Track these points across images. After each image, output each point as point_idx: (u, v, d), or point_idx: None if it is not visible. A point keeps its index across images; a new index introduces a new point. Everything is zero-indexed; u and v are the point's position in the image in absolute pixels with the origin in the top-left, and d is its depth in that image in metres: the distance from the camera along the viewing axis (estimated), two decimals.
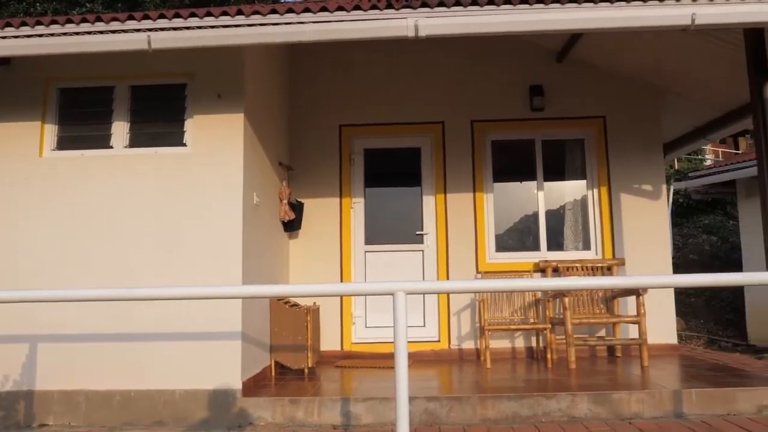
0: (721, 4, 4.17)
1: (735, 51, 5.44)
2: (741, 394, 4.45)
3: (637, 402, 4.40)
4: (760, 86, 4.79)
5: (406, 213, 6.99)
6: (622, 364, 5.91)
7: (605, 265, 6.62)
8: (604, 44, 6.39)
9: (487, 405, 4.38)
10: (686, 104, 7.26)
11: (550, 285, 3.41)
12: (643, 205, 6.90)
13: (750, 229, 9.87)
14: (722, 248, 13.06)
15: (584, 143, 7.11)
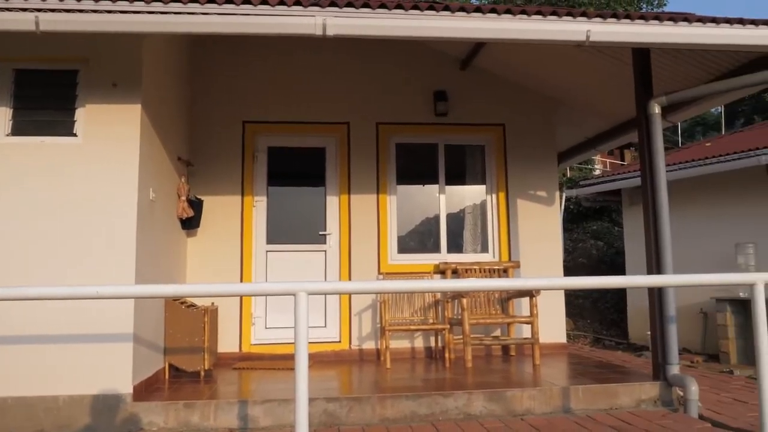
0: (613, 23, 4.42)
1: (624, 69, 5.81)
2: (622, 389, 4.75)
3: (529, 399, 4.59)
4: (646, 103, 5.14)
5: (310, 213, 6.94)
6: (516, 363, 6.15)
7: (502, 268, 6.87)
8: (506, 55, 6.63)
9: (386, 405, 4.41)
10: (579, 116, 7.68)
11: (448, 286, 3.49)
12: (538, 211, 7.23)
13: (632, 235, 10.59)
14: (608, 253, 13.92)
15: (484, 149, 7.35)
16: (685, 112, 6.44)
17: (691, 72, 5.70)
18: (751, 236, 8.93)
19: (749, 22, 4.53)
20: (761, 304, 3.37)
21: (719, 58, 5.30)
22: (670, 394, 4.77)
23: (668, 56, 5.47)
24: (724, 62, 5.35)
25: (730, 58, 5.23)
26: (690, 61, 5.53)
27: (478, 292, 6.60)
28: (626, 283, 3.57)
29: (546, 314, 6.90)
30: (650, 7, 20.30)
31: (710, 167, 9.01)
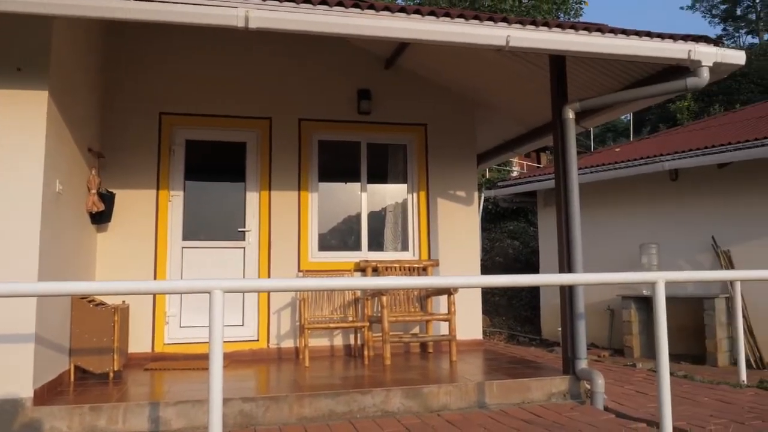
0: (532, 30, 4.56)
1: (542, 75, 6.02)
2: (534, 384, 4.92)
3: (446, 394, 4.67)
4: (561, 108, 5.34)
5: (229, 209, 6.78)
6: (433, 359, 6.25)
7: (421, 266, 6.96)
8: (429, 56, 6.72)
9: (304, 403, 4.37)
10: (498, 119, 7.90)
11: (368, 284, 3.50)
12: (457, 210, 7.37)
13: (546, 235, 11.00)
14: (523, 252, 14.39)
15: (406, 148, 7.42)
16: (597, 118, 6.74)
17: (603, 80, 5.98)
18: (655, 237, 9.47)
19: (656, 35, 4.79)
20: (662, 301, 3.57)
21: (629, 69, 5.58)
22: (579, 388, 4.98)
23: (583, 64, 5.71)
24: (633, 72, 5.64)
25: (639, 68, 5.51)
26: (602, 70, 5.79)
27: (398, 290, 6.66)
28: (539, 281, 3.70)
29: (463, 312, 7.05)
30: (568, 17, 21.12)
31: (619, 171, 9.48)
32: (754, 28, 46.08)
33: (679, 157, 8.73)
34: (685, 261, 9.19)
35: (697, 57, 4.78)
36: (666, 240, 9.38)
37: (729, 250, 8.73)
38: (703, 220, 9.10)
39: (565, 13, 21.29)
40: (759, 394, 5.42)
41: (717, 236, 8.90)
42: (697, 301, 8.49)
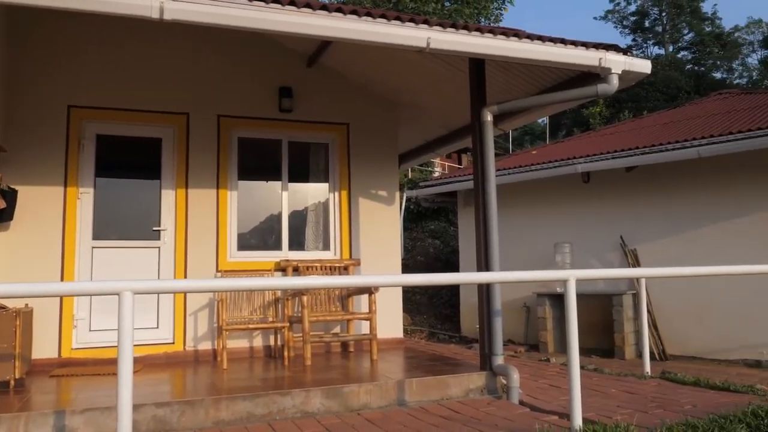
0: (452, 33, 4.63)
1: (462, 77, 6.12)
2: (452, 380, 5.00)
3: (366, 393, 4.67)
4: (479, 110, 5.45)
5: (143, 207, 6.52)
6: (354, 359, 6.25)
7: (343, 265, 6.94)
8: (352, 55, 6.71)
9: (221, 407, 4.27)
10: (420, 120, 7.99)
11: (287, 284, 3.45)
12: (379, 210, 7.41)
13: (466, 235, 11.24)
14: (444, 251, 14.64)
15: (328, 147, 7.38)
16: (514, 121, 6.93)
17: (520, 84, 6.15)
18: (569, 237, 9.85)
19: (570, 42, 4.98)
20: (572, 297, 3.71)
21: (545, 74, 5.77)
22: (495, 383, 5.11)
23: (501, 68, 5.86)
24: (549, 77, 5.83)
25: (554, 74, 5.71)
26: (520, 75, 5.96)
27: (319, 289, 6.61)
28: (456, 279, 3.77)
29: (384, 310, 7.08)
30: (488, 22, 21.67)
31: (535, 173, 9.81)
32: (661, 39, 48.87)
33: (590, 160, 9.13)
34: (596, 259, 9.62)
35: (608, 64, 5.00)
36: (579, 239, 9.79)
37: (636, 248, 9.21)
38: (613, 220, 9.56)
39: (486, 18, 21.83)
40: (661, 384, 5.73)
41: (625, 236, 9.36)
42: (606, 298, 8.91)
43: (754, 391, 5.32)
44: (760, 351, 8.07)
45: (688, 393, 5.25)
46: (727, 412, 4.20)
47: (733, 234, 8.42)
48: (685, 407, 4.63)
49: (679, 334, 8.71)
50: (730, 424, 3.92)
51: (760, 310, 8.12)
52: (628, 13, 49.95)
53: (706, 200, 8.71)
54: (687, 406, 4.69)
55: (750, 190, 8.39)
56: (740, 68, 46.90)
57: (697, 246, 8.66)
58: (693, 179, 8.86)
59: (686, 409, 4.55)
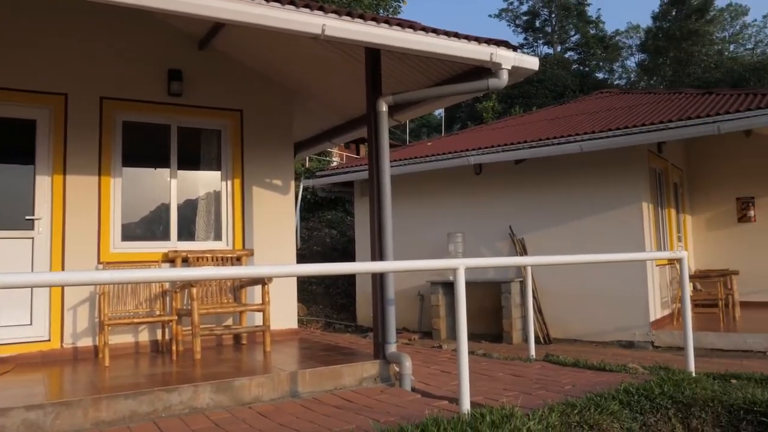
0: (348, 21, 4.60)
1: (359, 67, 6.11)
2: (346, 370, 5.00)
3: (258, 386, 4.58)
4: (375, 101, 5.46)
5: (14, 194, 6.01)
6: (247, 351, 6.11)
7: (235, 256, 6.76)
8: (246, 39, 6.51)
9: (101, 406, 4.03)
10: (317, 108, 7.90)
11: (174, 275, 3.30)
12: (274, 199, 7.27)
13: (362, 225, 11.30)
14: (341, 241, 14.65)
15: (221, 134, 7.14)
16: (410, 112, 7.00)
17: (416, 76, 6.22)
18: (461, 226, 10.14)
19: (463, 36, 5.08)
20: (461, 285, 3.80)
21: (439, 67, 5.86)
22: (389, 371, 5.17)
23: (398, 59, 5.89)
24: (443, 71, 5.93)
25: (448, 67, 5.81)
26: (416, 67, 6.02)
27: (210, 281, 6.40)
28: (350, 269, 3.76)
29: (278, 301, 6.98)
30: (386, 13, 21.82)
31: (429, 164, 10.01)
32: (550, 40, 51.31)
33: (482, 153, 9.43)
34: (487, 248, 9.97)
35: (498, 60, 5.16)
36: (471, 229, 10.10)
37: (524, 238, 9.63)
38: (503, 211, 9.94)
39: (385, 9, 21.98)
40: (545, 366, 6.03)
41: (514, 226, 9.76)
42: (496, 285, 9.26)
43: (626, 370, 5.72)
44: (633, 332, 8.71)
45: (568, 374, 5.55)
46: (603, 391, 4.48)
47: (611, 224, 9.00)
48: (565, 387, 4.90)
49: (562, 319, 9.22)
50: (605, 401, 4.18)
51: (633, 294, 8.75)
52: (521, 13, 52.06)
53: (588, 192, 9.25)
54: (567, 386, 4.96)
55: (626, 183, 9.00)
56: (620, 70, 50.21)
57: (581, 235, 9.19)
58: (576, 172, 9.37)
59: (566, 389, 4.81)
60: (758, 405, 4.17)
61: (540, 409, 3.89)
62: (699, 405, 4.29)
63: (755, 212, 11.87)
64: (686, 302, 5.58)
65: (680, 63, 41.79)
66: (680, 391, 4.43)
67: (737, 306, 10.13)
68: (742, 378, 5.62)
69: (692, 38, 41.27)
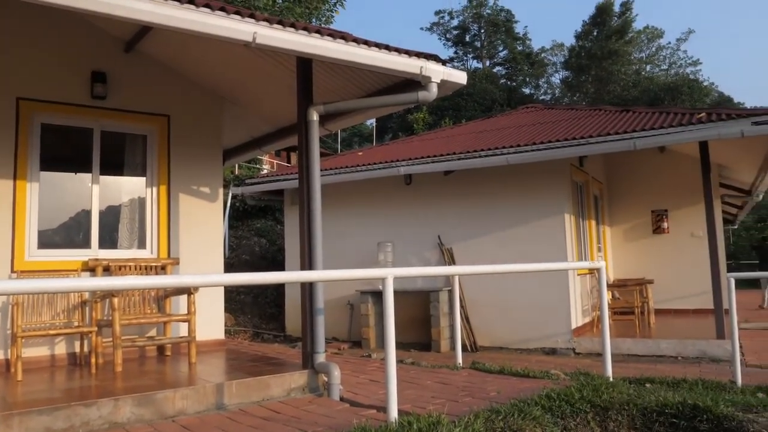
0: (279, 29, 4.58)
1: (290, 76, 6.08)
2: (274, 380, 4.95)
3: (182, 399, 4.46)
4: (306, 110, 5.46)
5: None
6: (171, 363, 5.94)
7: (160, 265, 6.57)
8: (175, 44, 6.38)
9: (12, 423, 3.82)
10: (247, 116, 7.81)
11: (93, 285, 3.18)
12: (201, 207, 7.12)
13: (292, 233, 11.21)
14: (270, 250, 14.47)
15: (147, 139, 6.94)
16: (341, 122, 7.03)
17: (347, 87, 6.26)
18: (392, 236, 10.23)
19: (394, 49, 5.15)
20: (390, 295, 3.85)
21: (371, 78, 5.92)
22: (317, 381, 5.14)
23: (329, 69, 5.91)
24: (374, 82, 5.99)
25: (379, 78, 5.87)
26: (347, 77, 6.06)
27: (132, 290, 6.20)
28: (278, 278, 3.73)
29: (204, 311, 6.83)
30: (319, 23, 21.82)
31: (360, 174, 10.06)
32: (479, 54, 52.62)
33: (412, 164, 9.57)
34: (417, 258, 10.10)
35: (428, 73, 5.26)
36: (401, 239, 10.21)
37: (452, 247, 9.81)
38: (432, 221, 10.10)
39: (317, 18, 21.97)
40: (471, 374, 6.15)
41: (442, 235, 9.93)
42: (425, 295, 9.38)
43: (549, 377, 5.91)
44: (556, 340, 9.01)
45: (494, 381, 5.69)
46: (526, 396, 4.62)
47: (537, 234, 9.31)
48: (490, 394, 5.01)
49: (488, 327, 9.44)
50: (528, 406, 4.31)
51: (556, 303, 9.06)
52: (452, 27, 53.19)
53: (514, 203, 9.53)
54: (492, 393, 5.08)
55: (550, 195, 9.33)
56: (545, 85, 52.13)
57: (507, 245, 9.45)
58: (503, 184, 9.64)
59: (492, 396, 4.93)
60: (669, 407, 4.40)
61: (466, 415, 3.97)
62: (615, 408, 4.48)
63: (668, 224, 12.55)
64: (604, 310, 5.83)
65: (601, 81, 43.78)
66: (598, 395, 4.61)
67: (652, 313, 10.66)
68: (656, 382, 5.93)
69: (612, 58, 43.35)
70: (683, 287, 11.90)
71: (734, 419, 4.16)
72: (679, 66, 47.34)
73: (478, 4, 51.85)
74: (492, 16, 51.78)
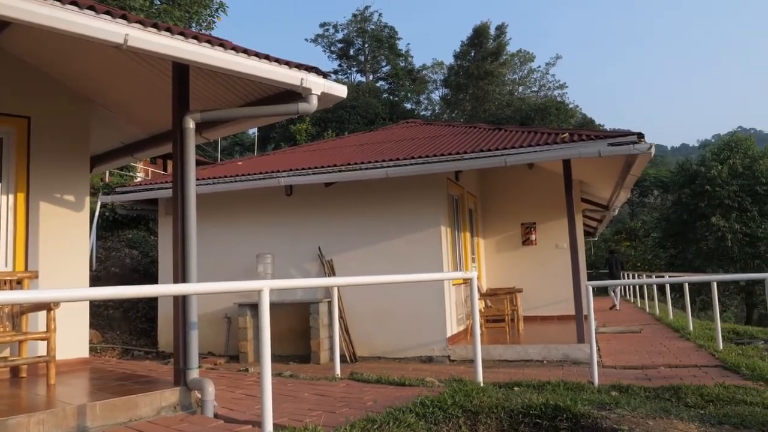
0: (153, 33, 4.41)
1: (166, 81, 5.86)
2: (143, 399, 4.71)
3: (38, 424, 4.13)
4: (182, 117, 5.28)
5: None
6: (27, 385, 5.48)
7: (15, 278, 6.05)
8: (39, 41, 5.95)
9: None
10: (118, 120, 7.41)
11: None
12: (65, 216, 6.66)
13: (166, 245, 10.75)
14: (143, 262, 13.78)
15: (3, 142, 6.40)
16: (220, 131, 6.84)
17: (227, 95, 6.13)
18: (272, 247, 10.10)
19: (275, 59, 5.12)
20: (266, 307, 3.80)
21: (251, 87, 5.84)
22: (190, 398, 4.95)
23: (208, 77, 5.76)
24: (254, 91, 5.91)
25: (260, 88, 5.81)
26: (227, 85, 5.93)
27: None
28: (151, 292, 3.57)
29: (66, 328, 6.37)
30: (200, 28, 21.20)
31: (240, 184, 9.86)
32: (363, 68, 53.44)
33: (293, 175, 9.52)
34: (297, 270, 10.03)
35: (309, 85, 5.27)
36: (282, 250, 10.10)
37: (332, 259, 9.85)
38: (313, 232, 10.09)
39: (198, 24, 21.35)
40: (350, 384, 6.19)
41: (323, 247, 9.95)
42: (304, 306, 9.34)
43: (424, 384, 6.08)
44: (432, 348, 9.28)
45: (371, 390, 5.76)
46: (402, 405, 4.72)
47: (415, 245, 9.57)
48: (368, 404, 5.08)
49: (367, 337, 9.55)
50: (403, 414, 4.42)
51: (432, 312, 9.34)
52: (336, 40, 53.65)
53: (394, 215, 9.74)
54: (369, 402, 5.14)
55: (428, 208, 9.64)
56: (426, 102, 53.90)
57: (387, 256, 9.62)
58: (383, 196, 9.83)
59: (369, 406, 4.99)
60: (534, 408, 4.67)
61: (342, 426, 4.00)
62: (485, 412, 4.70)
63: (536, 236, 13.37)
64: (476, 318, 6.10)
65: (477, 99, 45.97)
66: (470, 400, 4.81)
67: (521, 320, 11.27)
68: (523, 385, 6.28)
69: (488, 78, 45.68)
70: (549, 295, 12.70)
71: (590, 416, 4.49)
72: (548, 88, 50.76)
73: (362, 19, 52.77)
74: (376, 32, 52.86)
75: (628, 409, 4.71)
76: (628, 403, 5.01)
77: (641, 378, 6.86)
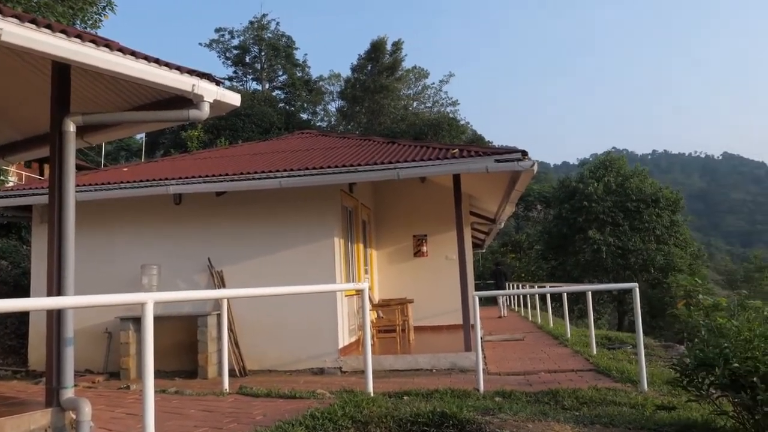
0: (32, 29, 4.13)
1: (45, 80, 5.50)
2: (9, 423, 4.36)
3: None
4: (61, 119, 4.99)
5: None
6: None
7: None
8: None
9: None
10: None
11: None
12: None
13: (41, 254, 10.02)
14: (13, 274, 12.78)
15: None
16: (104, 135, 6.51)
17: (113, 98, 5.83)
18: (159, 258, 9.69)
19: (165, 63, 4.94)
20: (149, 321, 3.65)
21: (139, 91, 5.59)
22: (64, 420, 4.65)
23: (91, 78, 5.46)
24: (143, 95, 5.67)
25: (149, 92, 5.58)
26: (112, 88, 5.65)
27: None
28: (18, 306, 3.32)
29: None
30: (85, 26, 20.04)
31: (125, 191, 9.40)
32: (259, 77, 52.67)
33: (183, 183, 9.20)
34: (185, 281, 9.68)
35: (200, 92, 5.13)
36: (169, 261, 9.72)
37: (222, 270, 9.60)
38: (202, 242, 9.79)
39: (83, 21, 20.21)
40: (238, 399, 6.06)
41: (213, 258, 9.68)
42: (192, 319, 9.02)
43: (315, 396, 6.06)
44: (324, 360, 9.25)
45: (260, 404, 5.67)
46: (291, 418, 4.69)
47: (308, 257, 9.53)
48: (256, 418, 4.99)
49: (258, 350, 9.36)
50: (292, 427, 4.38)
51: (324, 324, 9.33)
52: (232, 46, 52.54)
53: (287, 226, 9.66)
54: (258, 416, 5.06)
55: (321, 219, 9.64)
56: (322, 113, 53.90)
57: (279, 267, 9.50)
58: (276, 207, 9.73)
59: (258, 420, 4.91)
60: (422, 416, 4.79)
61: None
62: (374, 422, 4.75)
63: (427, 248, 13.71)
64: (367, 330, 6.17)
65: (373, 113, 46.59)
66: (360, 411, 4.85)
67: (412, 330, 11.49)
68: (412, 394, 6.41)
69: (383, 92, 46.45)
70: (439, 305, 13.04)
71: (475, 422, 4.67)
72: (441, 105, 52.31)
73: (259, 27, 52.09)
74: (273, 40, 52.34)
75: (510, 414, 4.94)
76: (511, 407, 5.25)
77: (523, 383, 7.21)
